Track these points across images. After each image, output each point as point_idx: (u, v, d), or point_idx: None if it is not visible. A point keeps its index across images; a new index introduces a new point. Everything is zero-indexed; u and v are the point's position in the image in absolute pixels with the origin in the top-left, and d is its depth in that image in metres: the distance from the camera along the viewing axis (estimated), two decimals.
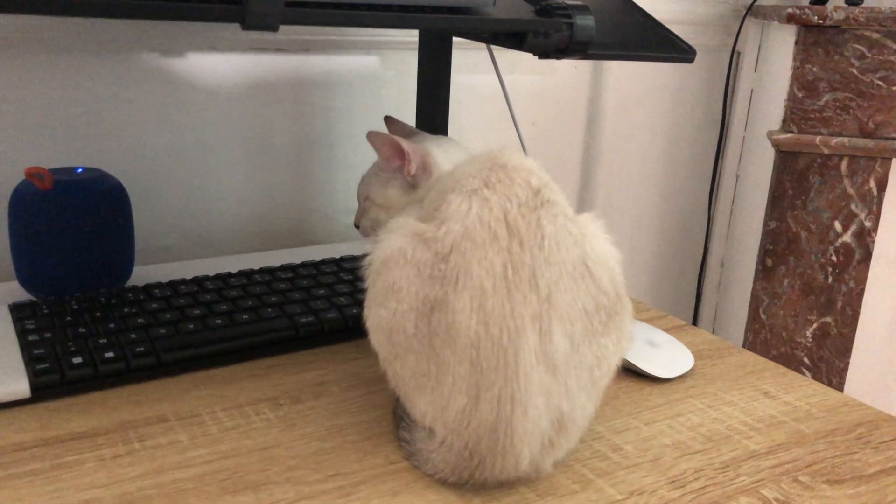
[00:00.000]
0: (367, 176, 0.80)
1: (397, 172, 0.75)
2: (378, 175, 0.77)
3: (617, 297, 0.57)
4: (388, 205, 0.76)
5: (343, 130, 1.16)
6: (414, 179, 0.74)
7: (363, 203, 0.79)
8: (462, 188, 0.59)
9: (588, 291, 0.55)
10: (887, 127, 1.23)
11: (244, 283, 0.82)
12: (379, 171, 0.77)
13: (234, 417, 0.63)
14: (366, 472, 0.57)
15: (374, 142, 0.74)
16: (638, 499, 0.55)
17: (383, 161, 0.75)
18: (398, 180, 0.75)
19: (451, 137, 0.79)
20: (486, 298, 0.52)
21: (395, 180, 0.75)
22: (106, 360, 0.66)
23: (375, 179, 0.77)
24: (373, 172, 0.78)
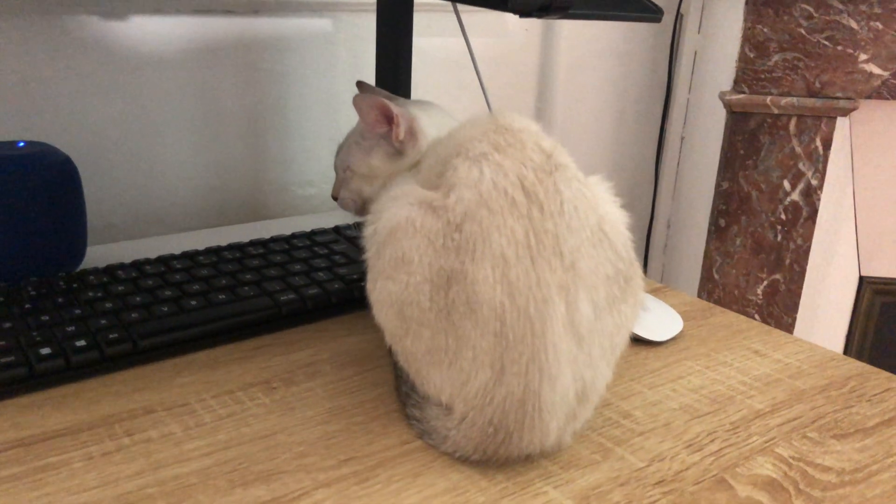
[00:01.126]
0: (346, 145, 0.75)
1: (381, 139, 0.71)
2: (359, 143, 0.73)
3: (630, 261, 0.56)
4: (371, 174, 0.72)
5: (296, 97, 1.11)
6: (401, 146, 0.70)
7: (343, 174, 0.75)
8: (468, 153, 0.56)
9: (607, 257, 0.53)
10: (832, 86, 1.26)
11: (214, 261, 0.77)
12: (360, 140, 0.73)
13: (227, 404, 0.59)
14: (380, 455, 0.54)
15: (361, 105, 0.70)
16: (660, 465, 0.54)
17: (367, 126, 0.71)
18: (383, 148, 0.71)
19: (432, 101, 0.76)
20: (508, 268, 0.50)
21: (380, 148, 0.72)
22: (77, 349, 0.61)
23: (356, 148, 0.73)
24: (353, 141, 0.74)
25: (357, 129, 0.74)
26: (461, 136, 0.60)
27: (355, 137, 0.74)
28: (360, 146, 0.73)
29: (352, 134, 0.75)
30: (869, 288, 1.50)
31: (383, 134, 0.71)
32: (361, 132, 0.73)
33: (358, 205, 0.76)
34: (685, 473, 0.54)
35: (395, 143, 0.70)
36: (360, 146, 0.73)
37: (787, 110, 1.27)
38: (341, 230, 0.89)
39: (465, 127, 0.62)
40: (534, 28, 1.41)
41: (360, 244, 0.60)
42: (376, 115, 0.70)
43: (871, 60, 1.24)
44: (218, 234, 0.92)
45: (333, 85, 1.14)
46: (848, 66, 1.25)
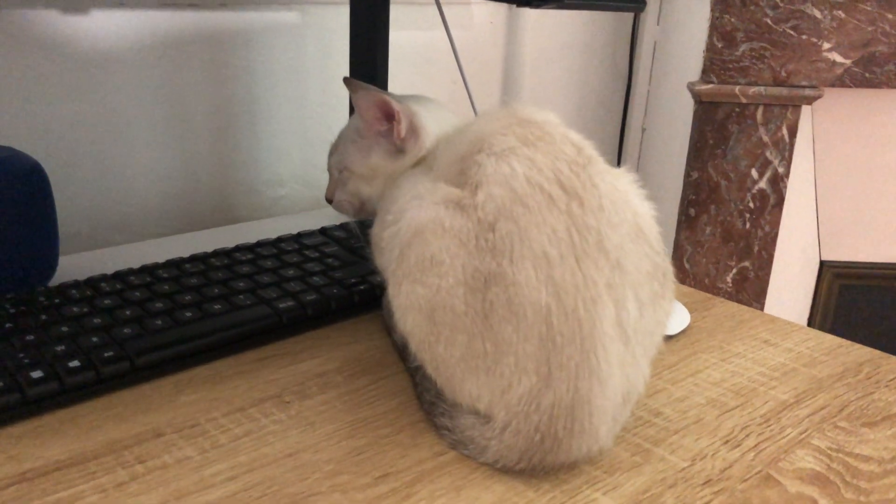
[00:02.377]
0: (341, 144, 0.72)
1: (380, 137, 0.68)
2: (356, 142, 0.69)
3: (664, 255, 0.54)
4: (371, 175, 0.69)
5: (264, 94, 1.06)
6: (402, 144, 0.67)
7: (339, 175, 0.71)
8: (492, 148, 0.53)
9: (645, 252, 0.52)
10: (797, 75, 1.28)
11: (202, 269, 0.73)
12: (357, 138, 0.69)
13: (241, 422, 0.55)
14: (416, 469, 0.51)
15: (361, 101, 0.67)
16: (703, 464, 0.53)
17: (365, 124, 0.68)
18: (382, 146, 0.68)
19: (428, 96, 0.73)
20: (552, 267, 0.47)
21: (379, 146, 0.68)
22: (71, 370, 0.56)
23: (353, 147, 0.70)
24: (349, 139, 0.70)
25: (352, 126, 0.71)
26: (479, 130, 0.57)
27: (351, 136, 0.70)
28: (357, 145, 0.69)
29: (346, 132, 0.72)
30: (829, 272, 1.53)
31: (383, 132, 0.68)
32: (358, 130, 0.69)
33: (355, 207, 0.72)
34: (730, 471, 0.52)
35: (397, 140, 0.67)
36: (357, 145, 0.69)
37: (754, 99, 1.28)
38: (328, 231, 0.85)
39: (481, 121, 0.59)
40: (499, 21, 1.38)
41: (367, 246, 0.57)
42: (376, 112, 0.67)
43: (834, 49, 1.26)
44: (193, 240, 0.87)
45: (302, 81, 1.10)
46: (812, 54, 1.27)
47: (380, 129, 0.67)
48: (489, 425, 0.51)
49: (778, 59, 1.26)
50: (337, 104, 1.13)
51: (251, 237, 0.82)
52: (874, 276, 1.55)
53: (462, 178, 0.55)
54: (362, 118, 0.68)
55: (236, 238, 0.84)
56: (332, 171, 0.73)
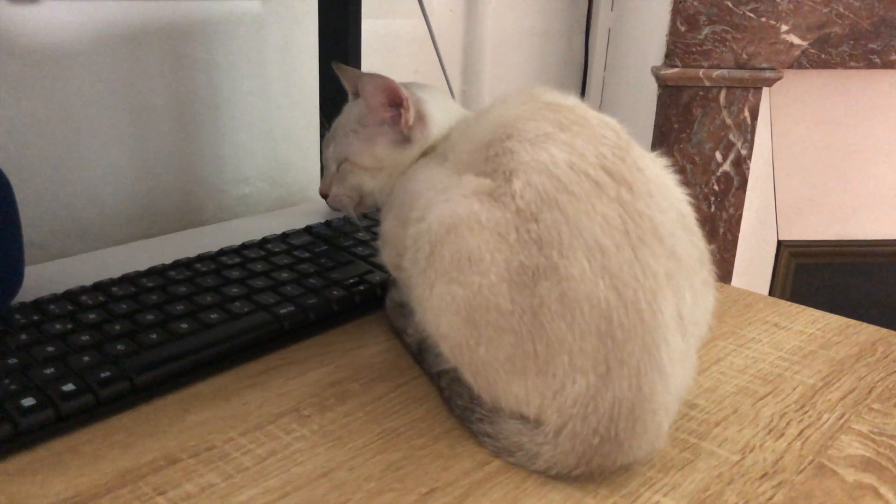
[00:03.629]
0: (339, 134, 0.67)
1: (385, 126, 0.64)
2: (358, 132, 0.65)
3: (705, 243, 0.52)
4: (375, 166, 0.65)
5: (227, 88, 1.00)
6: (410, 132, 0.63)
7: (340, 168, 0.67)
8: (523, 135, 0.50)
9: (692, 240, 0.49)
10: (758, 57, 1.29)
11: (189, 276, 0.67)
12: (359, 127, 0.65)
13: (262, 441, 0.50)
14: (463, 482, 0.47)
15: (368, 86, 0.62)
16: (754, 457, 0.51)
17: (370, 111, 0.64)
18: (387, 135, 0.64)
19: (428, 84, 0.69)
20: (608, 259, 0.45)
21: (383, 136, 0.64)
22: (66, 394, 0.50)
23: (355, 138, 0.65)
24: (349, 129, 0.66)
25: (352, 115, 0.66)
26: (501, 116, 0.54)
27: (352, 125, 0.66)
28: (359, 135, 0.65)
29: (345, 122, 0.67)
30: (786, 251, 1.56)
31: (388, 120, 0.63)
32: (359, 119, 0.65)
33: (355, 201, 0.68)
34: (783, 463, 0.51)
35: (404, 129, 0.63)
36: (359, 135, 0.65)
37: (717, 82, 1.28)
38: (314, 230, 0.81)
39: (501, 107, 0.56)
40: (458, 9, 1.35)
41: (373, 245, 0.53)
42: (383, 99, 0.63)
43: (791, 31, 1.28)
44: (163, 246, 0.81)
45: (265, 72, 1.04)
46: (771, 37, 1.28)
47: (385, 116, 0.63)
48: (539, 430, 0.47)
49: (739, 42, 1.27)
50: (301, 97, 1.08)
51: (223, 240, 0.76)
52: (828, 254, 1.59)
53: (489, 166, 0.51)
54: (367, 105, 0.63)
55: (207, 241, 0.78)
56: (328, 164, 0.69)
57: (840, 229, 1.56)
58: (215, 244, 0.75)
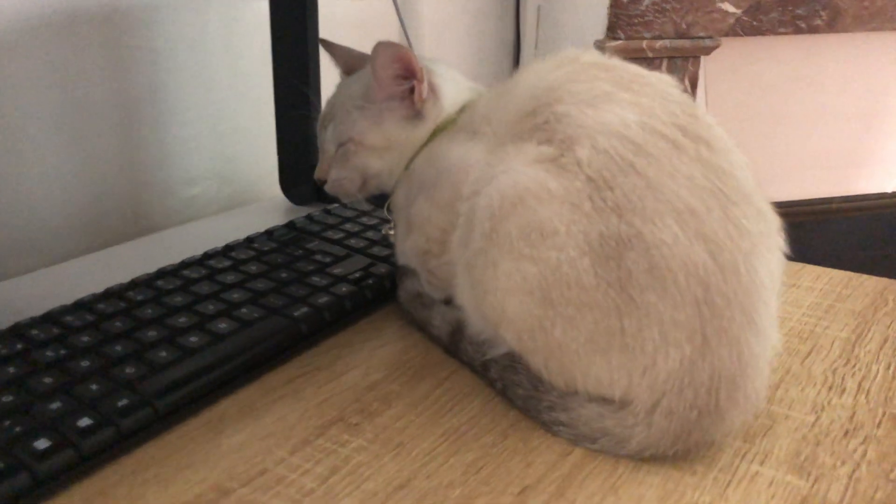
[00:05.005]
0: (340, 113, 0.61)
1: (394, 101, 0.59)
2: (364, 108, 0.59)
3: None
4: (385, 145, 0.60)
5: (168, 79, 0.92)
6: (423, 107, 0.58)
7: (341, 149, 0.61)
8: (577, 97, 0.47)
9: (762, 197, 0.47)
10: (696, 27, 1.30)
11: (180, 285, 0.60)
12: (364, 104, 0.59)
13: (317, 458, 0.45)
14: (553, 476, 0.44)
15: (382, 55, 0.57)
16: (828, 415, 0.50)
17: (380, 85, 0.58)
18: (397, 111, 0.59)
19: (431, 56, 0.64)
20: (701, 221, 0.42)
21: (393, 112, 0.59)
22: (84, 430, 0.43)
23: (360, 115, 0.60)
24: (352, 107, 0.60)
25: (355, 91, 0.61)
26: (540, 82, 0.51)
27: (355, 102, 0.60)
28: (364, 112, 0.59)
29: (345, 99, 0.61)
30: None
31: (398, 94, 0.58)
32: (364, 94, 0.60)
33: (357, 185, 0.62)
34: (858, 419, 0.49)
35: (418, 103, 0.58)
36: (364, 112, 0.59)
37: (660, 53, 1.29)
38: (298, 224, 0.74)
39: (533, 74, 0.53)
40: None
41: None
42: (396, 70, 0.57)
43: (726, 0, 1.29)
44: (119, 257, 0.75)
45: (207, 59, 0.96)
46: (707, 5, 1.29)
47: (395, 90, 0.58)
48: (627, 411, 0.44)
49: (678, 12, 1.28)
50: (246, 87, 1.01)
51: (187, 246, 0.69)
52: None
53: (541, 135, 0.48)
54: (377, 76, 0.58)
55: (170, 248, 0.71)
56: (325, 147, 0.63)
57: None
58: (179, 251, 0.67)
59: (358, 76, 0.63)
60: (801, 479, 0.43)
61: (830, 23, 1.42)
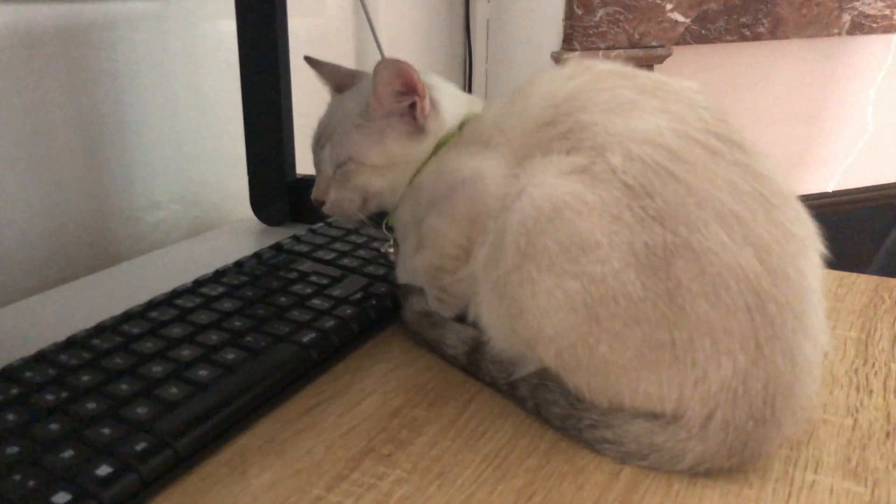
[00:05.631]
0: (337, 132, 0.58)
1: (394, 117, 0.57)
2: (363, 126, 0.57)
3: None
4: (387, 163, 0.57)
5: (131, 99, 0.87)
6: (425, 123, 0.56)
7: (340, 169, 0.58)
8: (603, 105, 0.46)
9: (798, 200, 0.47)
10: (648, 36, 1.32)
11: (175, 315, 0.56)
12: (363, 122, 0.57)
13: (358, 494, 0.42)
14: (609, 498, 0.42)
15: (385, 72, 0.54)
16: (863, 417, 0.50)
17: (378, 102, 0.56)
18: (399, 128, 0.57)
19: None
20: (746, 226, 0.41)
21: (394, 129, 0.57)
22: (104, 480, 0.39)
23: (359, 134, 0.57)
24: (350, 125, 0.58)
25: (352, 109, 0.58)
26: (557, 91, 0.49)
27: (353, 120, 0.58)
28: (364, 130, 0.57)
29: (340, 118, 0.59)
30: None
31: (398, 111, 0.56)
32: (362, 112, 0.57)
33: (358, 204, 0.60)
34: (894, 419, 0.49)
35: (420, 119, 0.56)
36: (364, 130, 0.57)
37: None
38: (286, 247, 0.71)
39: (545, 84, 0.51)
40: (346, 7, 1.28)
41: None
42: (396, 87, 0.55)
43: (675, 9, 1.32)
44: (87, 289, 0.70)
45: (168, 80, 0.92)
46: (658, 15, 1.31)
47: (395, 106, 0.56)
48: (679, 425, 0.43)
49: (631, 22, 1.29)
50: (210, 107, 0.97)
51: (159, 274, 0.66)
52: None
53: (564, 145, 0.46)
54: (378, 94, 0.55)
55: (143, 279, 0.67)
56: (322, 168, 0.60)
57: None
58: (157, 279, 0.64)
59: (352, 94, 0.60)
60: (860, 485, 0.43)
61: (772, 30, 1.46)
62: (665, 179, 0.42)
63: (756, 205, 0.42)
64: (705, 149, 0.43)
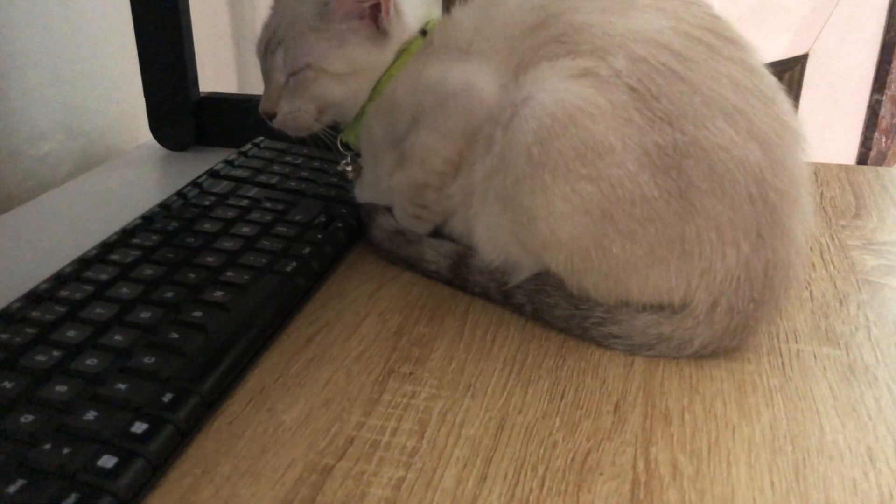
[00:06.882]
0: (290, 34, 0.54)
1: (354, 20, 0.54)
2: (320, 30, 0.53)
3: None
4: (349, 70, 0.55)
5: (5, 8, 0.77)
6: (389, 26, 0.54)
7: (294, 77, 0.55)
8: (597, 4, 0.46)
9: None
10: None
11: (141, 256, 0.52)
12: (321, 24, 0.53)
13: (398, 416, 0.42)
14: (632, 387, 0.45)
15: None
16: (822, 287, 0.55)
17: (342, 2, 0.53)
18: (361, 32, 0.54)
19: None
20: (749, 121, 0.43)
21: (355, 33, 0.54)
22: (143, 437, 0.37)
23: (317, 38, 0.53)
24: (306, 29, 0.53)
25: (303, 12, 0.54)
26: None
27: (310, 23, 0.53)
28: (322, 34, 0.53)
29: (292, 20, 0.54)
30: None
31: (357, 12, 0.53)
32: (319, 14, 0.53)
33: (313, 117, 0.56)
34: (840, 287, 0.55)
35: (385, 21, 0.54)
36: (322, 34, 0.53)
37: None
38: (221, 173, 0.67)
39: None
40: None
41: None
42: None
43: None
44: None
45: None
46: None
47: (355, 8, 0.53)
48: (686, 313, 0.46)
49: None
50: (82, 22, 0.87)
51: (74, 214, 0.62)
52: None
53: (560, 48, 0.46)
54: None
55: (58, 219, 0.63)
56: (273, 77, 0.55)
57: None
58: (72, 222, 0.62)
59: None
60: (836, 349, 0.48)
61: None
62: (670, 80, 0.43)
63: (755, 99, 0.44)
64: (704, 46, 0.44)
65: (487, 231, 0.50)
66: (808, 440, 0.40)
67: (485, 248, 0.52)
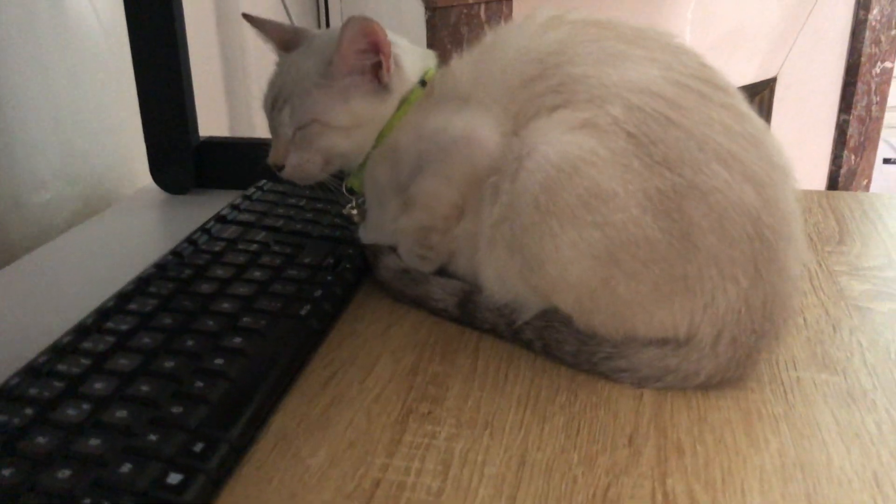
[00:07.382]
0: (295, 91, 0.56)
1: (356, 76, 0.56)
2: (324, 86, 0.56)
3: None
4: (353, 123, 0.57)
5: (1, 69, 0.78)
6: (390, 81, 0.56)
7: (301, 132, 0.57)
8: (592, 57, 0.49)
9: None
10: None
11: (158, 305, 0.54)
12: (324, 81, 0.56)
13: (421, 456, 0.44)
14: (643, 420, 0.46)
15: (352, 29, 0.54)
16: (815, 313, 0.57)
17: (343, 60, 0.55)
18: (363, 86, 0.56)
19: None
20: (742, 163, 0.46)
21: (358, 87, 0.56)
22: (178, 488, 0.38)
23: (322, 94, 0.56)
24: (311, 85, 0.56)
25: (307, 70, 0.56)
26: (536, 43, 0.52)
27: (314, 80, 0.56)
28: (326, 90, 0.56)
29: (297, 78, 0.57)
30: None
31: (361, 69, 0.56)
32: (322, 72, 0.56)
33: (319, 167, 0.58)
34: (832, 313, 0.57)
35: (386, 77, 0.56)
36: (326, 90, 0.56)
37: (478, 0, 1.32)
38: (228, 218, 0.68)
39: (525, 34, 0.53)
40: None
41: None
42: (361, 44, 0.54)
43: None
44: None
45: (38, 42, 0.83)
46: None
47: (363, 64, 0.55)
48: (691, 346, 0.48)
49: None
50: (82, 68, 0.88)
51: (80, 263, 0.66)
52: None
53: (557, 99, 0.49)
54: (343, 52, 0.54)
55: (66, 267, 0.66)
56: (280, 131, 0.57)
57: None
58: (77, 272, 0.64)
59: (305, 52, 0.58)
60: (834, 375, 0.50)
61: None
62: (665, 126, 0.46)
63: (746, 142, 0.46)
64: (696, 94, 0.47)
65: (495, 273, 0.52)
66: (816, 467, 0.42)
67: (492, 287, 0.53)
